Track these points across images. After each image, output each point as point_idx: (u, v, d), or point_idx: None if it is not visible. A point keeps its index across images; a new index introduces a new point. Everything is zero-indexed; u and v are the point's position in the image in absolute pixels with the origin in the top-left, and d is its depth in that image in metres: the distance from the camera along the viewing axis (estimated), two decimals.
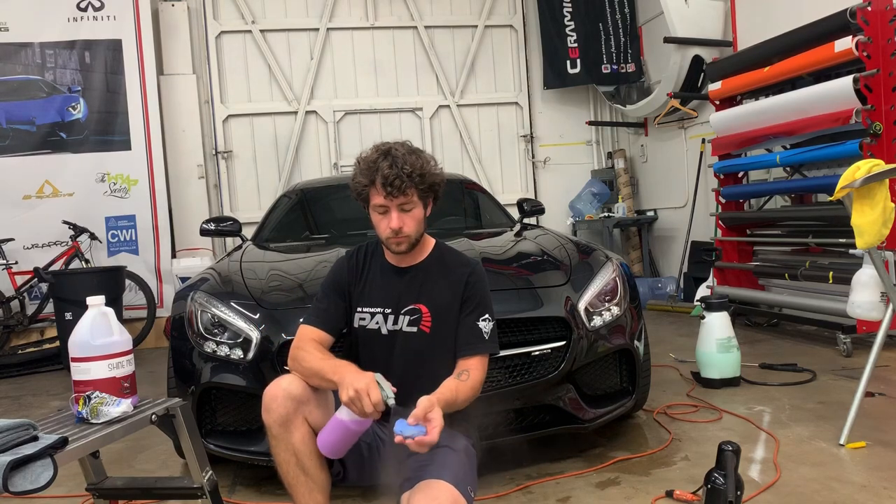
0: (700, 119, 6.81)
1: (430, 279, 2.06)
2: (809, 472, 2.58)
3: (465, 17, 8.10)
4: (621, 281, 3.02)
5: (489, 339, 2.03)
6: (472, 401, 1.96)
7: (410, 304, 2.04)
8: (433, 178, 2.00)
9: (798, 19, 5.01)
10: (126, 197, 6.82)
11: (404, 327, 2.03)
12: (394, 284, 2.06)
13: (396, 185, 1.91)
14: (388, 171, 1.92)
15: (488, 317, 2.04)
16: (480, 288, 2.08)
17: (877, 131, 4.24)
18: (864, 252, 2.95)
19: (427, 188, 1.99)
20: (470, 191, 4.83)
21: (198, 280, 3.07)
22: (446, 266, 2.09)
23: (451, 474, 1.75)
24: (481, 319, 2.03)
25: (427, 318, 2.03)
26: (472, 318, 2.02)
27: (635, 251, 7.89)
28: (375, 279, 2.09)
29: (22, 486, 1.42)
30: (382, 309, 2.05)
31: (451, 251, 2.16)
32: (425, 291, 2.05)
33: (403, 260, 2.07)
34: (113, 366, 1.84)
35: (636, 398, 2.99)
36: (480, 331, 2.02)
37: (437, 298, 2.03)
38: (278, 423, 1.85)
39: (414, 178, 1.93)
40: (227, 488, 2.77)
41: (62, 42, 6.70)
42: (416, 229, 2.00)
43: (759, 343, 4.90)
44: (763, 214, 5.62)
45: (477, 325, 2.02)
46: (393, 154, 1.94)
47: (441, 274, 2.07)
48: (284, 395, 1.86)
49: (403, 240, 1.99)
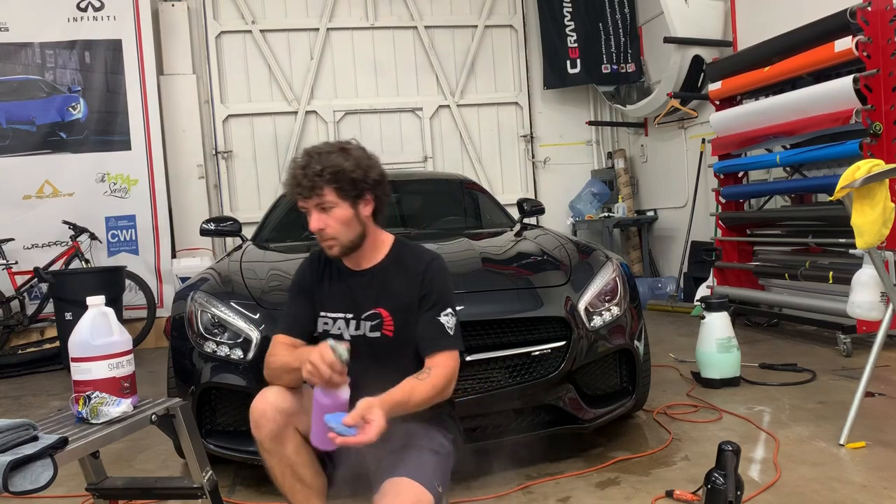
0: (700, 119, 6.81)
1: (388, 280, 1.98)
2: (809, 472, 2.58)
3: (465, 17, 8.11)
4: (621, 281, 3.02)
5: (453, 334, 1.93)
6: (445, 399, 1.90)
7: (370, 308, 1.97)
8: (354, 175, 1.88)
9: (798, 19, 5.01)
10: (126, 197, 6.81)
11: (367, 333, 1.96)
12: (352, 288, 1.99)
13: (304, 184, 1.85)
14: (297, 171, 1.87)
15: (450, 311, 1.94)
16: (439, 281, 1.97)
17: (877, 131, 4.24)
18: (864, 252, 2.95)
19: (348, 186, 1.88)
20: (470, 191, 4.83)
21: (198, 280, 3.07)
22: (403, 264, 2.00)
23: (417, 471, 1.75)
24: (442, 314, 1.93)
25: (389, 322, 1.95)
26: (431, 313, 1.92)
27: (635, 251, 7.90)
28: (335, 283, 2.03)
29: (22, 486, 1.42)
30: (343, 314, 1.99)
31: (409, 248, 2.06)
32: (384, 294, 1.97)
33: (359, 262, 2.00)
34: (113, 366, 1.84)
35: (636, 398, 2.99)
36: (442, 326, 1.92)
37: (396, 300, 1.95)
38: (270, 438, 1.84)
39: (325, 176, 1.84)
40: (227, 488, 2.77)
41: (62, 42, 6.70)
42: (344, 231, 1.90)
43: (759, 343, 4.90)
44: (763, 214, 5.62)
45: (437, 320, 1.92)
46: (310, 153, 1.89)
47: (399, 273, 1.98)
48: (273, 410, 1.84)
49: (332, 242, 1.91)
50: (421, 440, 1.88)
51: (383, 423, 1.67)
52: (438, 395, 1.86)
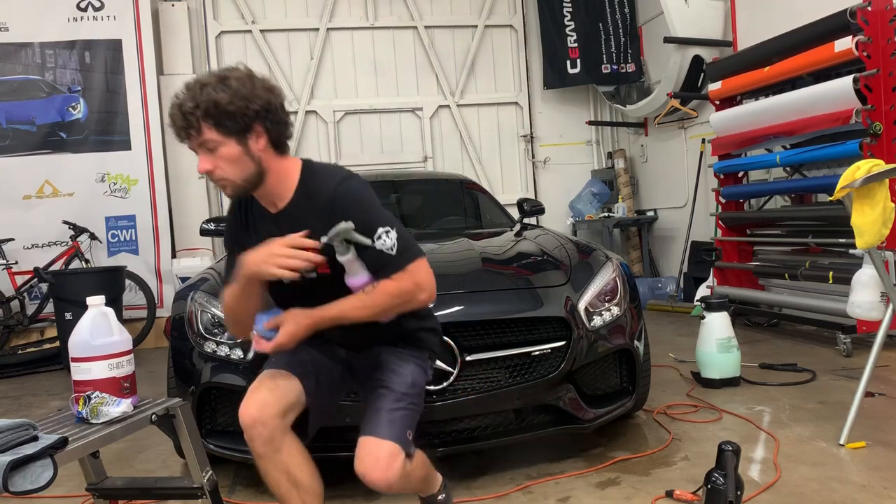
0: (700, 119, 6.81)
1: (303, 218, 1.80)
2: (809, 472, 2.58)
3: (465, 17, 8.11)
4: (621, 281, 3.02)
5: (395, 252, 1.78)
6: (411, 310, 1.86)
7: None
8: (231, 108, 1.67)
9: (798, 19, 5.01)
10: (126, 197, 6.82)
11: (305, 274, 1.81)
12: (273, 232, 1.82)
13: (179, 124, 1.69)
14: (174, 110, 1.70)
15: (382, 230, 1.77)
16: (355, 207, 1.78)
17: (877, 131, 4.24)
18: (864, 252, 2.95)
19: (227, 121, 1.68)
20: (470, 191, 4.84)
21: (198, 280, 3.07)
22: (313, 196, 1.82)
23: (387, 427, 1.82)
24: (376, 240, 1.77)
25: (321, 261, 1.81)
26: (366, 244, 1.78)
27: (635, 251, 7.89)
28: (259, 230, 1.89)
29: (22, 486, 1.42)
30: None
31: (315, 175, 1.84)
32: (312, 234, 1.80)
33: (274, 202, 1.84)
34: (113, 366, 1.84)
35: (636, 398, 2.99)
36: (380, 253, 1.78)
37: (317, 236, 1.77)
38: (265, 445, 1.81)
39: (198, 113, 1.66)
40: (227, 488, 2.77)
41: (62, 42, 6.70)
42: (235, 170, 1.73)
43: (759, 343, 4.90)
44: (763, 214, 5.62)
45: (373, 248, 1.77)
46: (187, 86, 1.70)
47: (310, 208, 1.81)
48: (268, 417, 1.79)
49: (224, 183, 1.75)
50: (391, 380, 1.90)
51: (297, 330, 1.72)
52: (388, 310, 1.83)
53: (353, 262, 1.78)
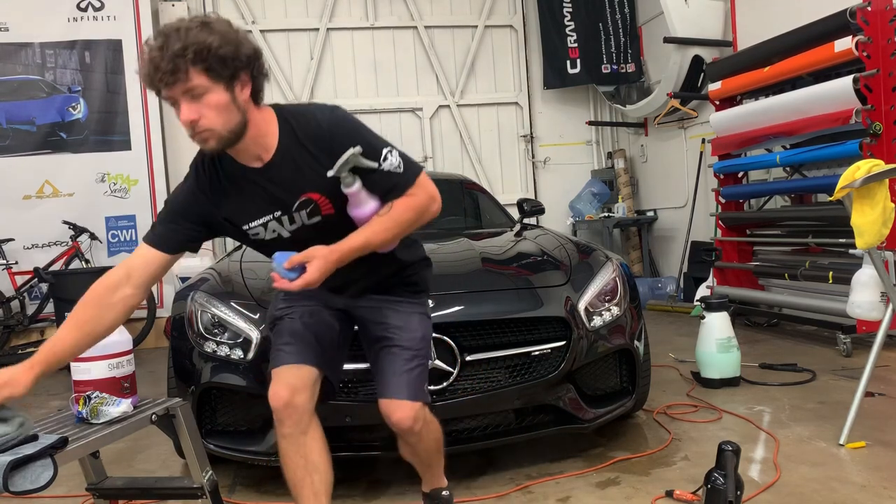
0: (700, 119, 6.81)
1: (298, 162, 1.74)
2: (809, 472, 2.58)
3: (465, 17, 8.10)
4: (621, 281, 3.02)
5: (403, 170, 1.76)
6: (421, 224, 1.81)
7: (295, 198, 1.77)
8: (222, 52, 1.59)
9: (798, 19, 5.01)
10: (126, 197, 6.81)
11: (306, 221, 1.78)
12: (264, 188, 1.76)
13: (164, 68, 1.55)
14: (153, 53, 1.56)
15: (386, 150, 1.75)
16: (354, 132, 1.75)
17: (877, 131, 4.24)
18: (864, 252, 2.95)
19: (218, 65, 1.59)
20: (470, 191, 4.84)
21: (198, 280, 3.07)
22: (303, 138, 1.75)
23: (407, 389, 1.91)
24: (382, 160, 1.73)
25: (324, 202, 1.77)
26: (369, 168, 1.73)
27: (635, 251, 7.90)
28: (240, 191, 1.78)
29: (22, 485, 1.42)
30: (271, 215, 1.79)
31: (296, 118, 1.77)
32: (302, 178, 1.75)
33: (256, 154, 1.75)
34: (113, 366, 1.85)
35: (636, 398, 2.99)
36: (387, 173, 1.74)
37: (317, 178, 1.72)
38: (293, 426, 1.85)
39: (187, 55, 1.55)
40: (227, 488, 2.77)
41: (62, 42, 6.70)
42: (222, 120, 1.63)
43: (759, 343, 4.90)
44: (763, 214, 5.62)
45: (380, 170, 1.73)
46: (165, 31, 1.58)
47: (304, 150, 1.74)
48: (298, 399, 1.83)
49: (207, 135, 1.64)
50: (401, 338, 1.95)
51: (327, 265, 1.65)
52: (408, 227, 1.81)
53: (359, 192, 1.75)
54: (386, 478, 2.78)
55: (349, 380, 2.55)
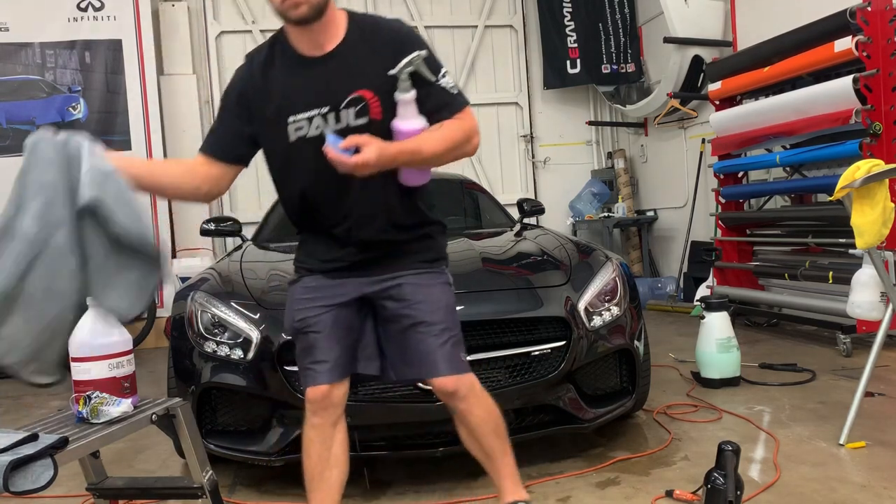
0: (700, 119, 6.81)
1: (359, 56, 1.77)
2: (809, 472, 2.58)
3: (465, 18, 8.10)
4: (621, 281, 3.02)
5: (457, 92, 1.82)
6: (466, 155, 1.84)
7: (348, 93, 1.76)
8: None
9: (798, 19, 5.01)
10: None
11: (351, 122, 1.77)
12: (318, 77, 1.78)
13: None
14: None
15: (444, 70, 1.81)
16: (415, 39, 1.80)
17: (877, 131, 4.24)
18: (864, 252, 2.95)
19: None
20: (470, 191, 4.84)
21: (198, 280, 3.07)
22: (371, 36, 1.79)
23: (445, 365, 1.88)
24: (440, 78, 1.79)
25: (375, 104, 1.76)
26: (425, 82, 1.76)
27: (635, 251, 7.90)
28: (295, 77, 1.81)
29: (22, 486, 1.42)
30: (318, 109, 1.78)
31: (366, 18, 1.85)
32: (359, 72, 1.76)
33: (320, 43, 1.78)
34: (113, 366, 1.84)
35: (636, 398, 2.99)
36: (443, 90, 1.79)
37: (376, 76, 1.74)
38: (324, 417, 1.91)
39: None
40: (227, 488, 2.77)
41: (62, 42, 6.70)
42: None
43: (759, 343, 4.90)
44: (763, 214, 5.62)
45: (437, 86, 1.77)
46: None
47: (368, 46, 1.77)
48: (334, 395, 1.90)
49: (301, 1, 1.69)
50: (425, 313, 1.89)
51: (382, 154, 1.64)
52: (455, 149, 1.79)
53: (411, 102, 1.73)
54: (386, 478, 2.79)
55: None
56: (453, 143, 1.77)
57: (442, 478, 2.73)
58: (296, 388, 2.54)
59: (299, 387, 2.55)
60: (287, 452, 2.57)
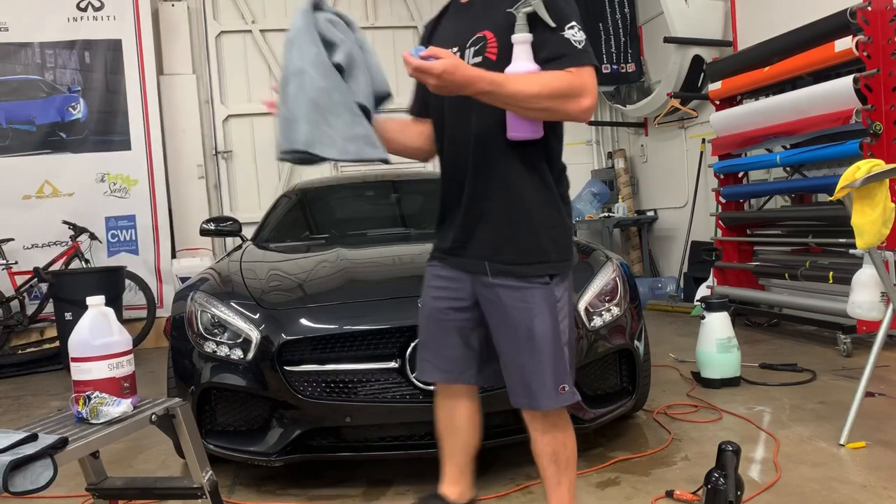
0: (700, 119, 6.81)
1: (499, 4, 1.78)
2: (809, 472, 2.58)
3: None
4: (621, 281, 3.02)
5: (582, 48, 1.68)
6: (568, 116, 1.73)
7: (475, 32, 1.83)
8: None
9: (798, 19, 5.01)
10: (126, 197, 6.82)
11: (469, 60, 1.80)
12: (461, 19, 1.91)
13: None
14: None
15: (575, 24, 1.69)
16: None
17: (877, 131, 4.24)
18: (864, 252, 2.95)
19: None
20: None
21: (198, 280, 3.07)
22: None
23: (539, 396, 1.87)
24: (567, 28, 1.69)
25: (492, 44, 1.77)
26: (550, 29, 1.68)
27: (635, 251, 7.89)
28: (447, 22, 1.99)
29: (22, 486, 1.42)
30: (452, 48, 1.83)
31: None
32: (487, 15, 1.82)
33: None
34: (113, 366, 1.84)
35: (636, 398, 2.99)
36: (566, 41, 1.68)
37: (498, 15, 1.76)
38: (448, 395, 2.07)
39: None
40: (227, 488, 2.77)
41: (62, 42, 6.70)
42: None
43: (759, 343, 4.90)
44: (763, 214, 5.62)
45: (560, 35, 1.68)
46: None
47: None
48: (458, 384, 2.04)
49: None
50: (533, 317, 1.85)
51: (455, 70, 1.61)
52: (551, 99, 1.65)
53: (524, 45, 1.69)
54: (386, 478, 2.78)
55: (349, 380, 2.55)
56: (549, 90, 1.64)
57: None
58: (295, 388, 2.55)
59: (299, 387, 2.56)
60: (287, 452, 2.57)
